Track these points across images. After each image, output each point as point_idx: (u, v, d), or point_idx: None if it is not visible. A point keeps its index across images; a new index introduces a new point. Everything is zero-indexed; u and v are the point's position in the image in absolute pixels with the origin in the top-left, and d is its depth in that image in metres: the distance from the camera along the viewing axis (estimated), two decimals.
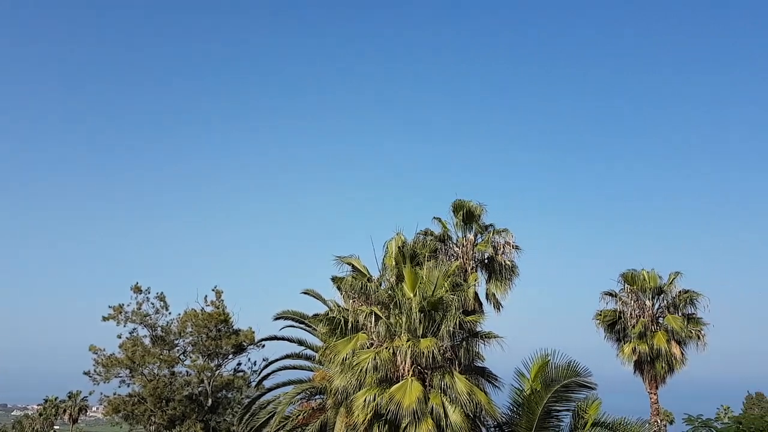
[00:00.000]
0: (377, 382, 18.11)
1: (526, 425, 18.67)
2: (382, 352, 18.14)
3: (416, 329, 18.69)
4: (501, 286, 29.33)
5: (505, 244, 29.73)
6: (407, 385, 17.52)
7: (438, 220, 30.30)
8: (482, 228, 30.31)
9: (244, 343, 36.13)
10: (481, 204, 30.06)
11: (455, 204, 30.08)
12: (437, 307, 18.89)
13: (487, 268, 29.96)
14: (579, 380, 18.66)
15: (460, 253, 29.85)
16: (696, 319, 32.13)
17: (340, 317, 19.32)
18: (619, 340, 33.41)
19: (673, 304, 32.62)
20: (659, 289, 32.77)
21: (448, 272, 20.71)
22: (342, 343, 18.72)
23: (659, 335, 31.61)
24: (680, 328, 31.37)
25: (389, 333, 18.83)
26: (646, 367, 32.24)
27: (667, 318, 32.12)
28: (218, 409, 36.62)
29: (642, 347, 31.75)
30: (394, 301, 19.18)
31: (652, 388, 32.71)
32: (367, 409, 17.20)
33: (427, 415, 17.24)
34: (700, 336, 31.58)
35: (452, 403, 17.60)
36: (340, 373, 18.21)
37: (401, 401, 17.03)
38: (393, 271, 20.83)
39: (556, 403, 18.82)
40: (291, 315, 25.31)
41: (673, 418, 66.10)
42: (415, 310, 18.63)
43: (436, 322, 19.01)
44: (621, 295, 33.48)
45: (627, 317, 32.88)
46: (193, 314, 35.88)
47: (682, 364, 31.79)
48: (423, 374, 18.61)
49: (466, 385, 17.84)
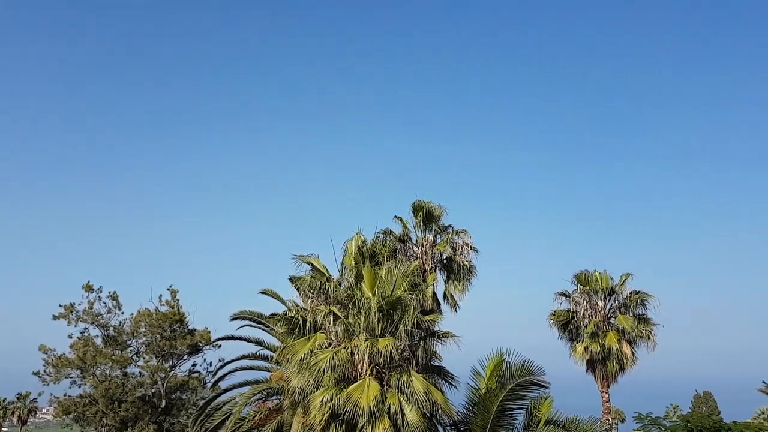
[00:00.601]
0: (335, 381, 18.08)
1: (481, 424, 18.91)
2: (340, 352, 18.13)
3: (375, 329, 18.74)
4: (459, 287, 29.70)
5: (463, 245, 30.12)
6: (365, 385, 17.54)
7: (399, 220, 30.51)
8: (441, 229, 30.63)
9: (199, 344, 35.61)
10: (440, 205, 30.43)
11: (415, 204, 30.32)
12: (396, 306, 18.97)
13: (445, 268, 30.29)
14: (533, 379, 19.01)
15: (419, 254, 30.09)
16: (646, 320, 33.13)
17: (299, 317, 19.23)
18: (572, 339, 34.19)
19: (625, 304, 33.56)
20: (611, 290, 33.68)
21: (406, 272, 20.84)
22: (300, 343, 18.64)
23: (611, 335, 32.46)
24: (631, 328, 32.28)
25: (348, 333, 18.83)
26: (598, 366, 33.08)
27: (619, 318, 33.02)
28: (172, 410, 36.00)
29: (594, 347, 32.56)
30: (353, 300, 19.19)
31: (604, 387, 33.57)
32: (324, 409, 17.16)
33: (384, 415, 17.29)
34: (650, 336, 32.57)
35: (409, 403, 17.69)
36: (298, 373, 18.11)
37: (358, 401, 17.04)
38: (352, 270, 20.81)
39: (510, 402, 19.13)
40: (248, 315, 25.09)
41: (624, 417, 67.99)
42: (374, 310, 18.68)
43: (394, 321, 19.10)
44: (574, 295, 34.28)
45: (580, 317, 33.68)
46: (147, 314, 35.19)
47: (633, 364, 32.72)
48: (381, 374, 18.66)
49: (423, 384, 17.97)
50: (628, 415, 56.59)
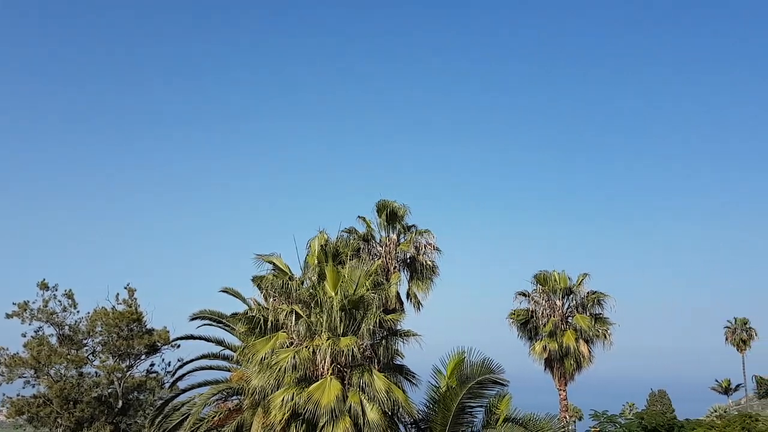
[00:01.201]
0: (296, 381, 18.01)
1: (441, 421, 19.12)
2: (301, 351, 18.08)
3: (337, 328, 18.75)
4: (422, 286, 29.96)
5: (426, 245, 30.39)
6: (326, 384, 17.53)
7: (362, 220, 30.59)
8: (405, 228, 30.84)
9: (157, 343, 34.99)
10: (404, 205, 30.62)
11: (379, 204, 30.45)
12: (358, 305, 19.02)
13: (409, 267, 30.50)
14: (492, 377, 19.31)
15: (383, 253, 30.24)
16: (603, 319, 33.94)
17: (260, 316, 19.11)
18: (531, 338, 34.82)
19: (582, 304, 34.32)
20: (569, 290, 34.42)
21: (369, 271, 20.86)
22: (261, 343, 18.52)
23: (568, 334, 33.15)
24: (588, 327, 33.04)
25: (309, 332, 18.78)
26: (556, 364, 33.76)
27: (576, 317, 33.73)
28: (129, 411, 35.32)
29: (552, 345, 33.21)
30: (315, 299, 19.14)
31: (561, 385, 34.27)
32: (285, 409, 17.08)
33: (345, 414, 17.32)
34: (606, 335, 33.37)
35: (370, 401, 17.75)
36: (258, 373, 18.00)
37: (319, 400, 17.02)
38: (315, 269, 20.75)
39: (470, 400, 19.39)
40: (208, 314, 24.78)
41: (582, 415, 69.42)
42: (336, 309, 18.69)
43: (356, 320, 19.15)
44: (534, 295, 34.93)
45: (539, 316, 34.33)
46: (104, 313, 34.42)
47: (590, 362, 33.49)
48: (342, 373, 18.67)
49: (384, 382, 18.05)
50: (585, 412, 57.80)
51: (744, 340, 79.46)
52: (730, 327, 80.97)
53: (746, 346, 79.56)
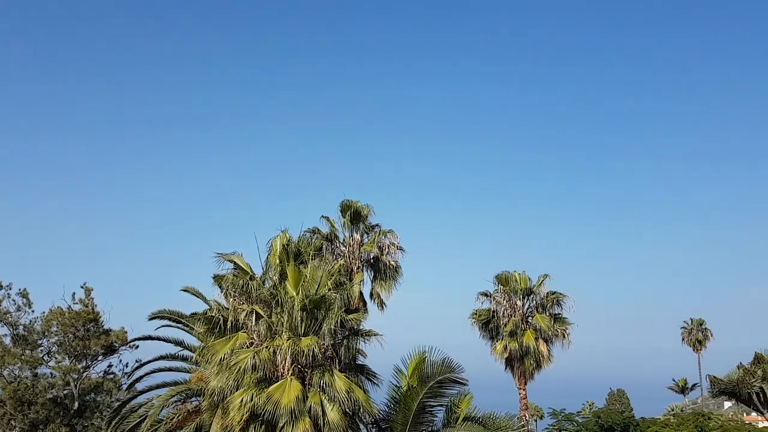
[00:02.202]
0: (256, 382, 17.89)
1: (401, 421, 19.21)
2: (261, 352, 17.95)
3: (298, 328, 18.67)
4: (385, 286, 30.07)
5: (390, 245, 30.49)
6: (286, 384, 17.45)
7: (326, 219, 30.53)
8: (369, 228, 30.89)
9: (115, 344, 34.32)
10: (368, 205, 30.66)
11: (343, 204, 30.43)
12: (320, 305, 18.97)
13: (372, 267, 30.56)
14: (452, 376, 19.49)
15: (346, 253, 30.24)
16: (562, 319, 34.58)
17: (219, 316, 18.91)
18: (493, 338, 35.26)
19: (542, 304, 34.89)
20: (529, 290, 34.98)
21: (332, 271, 20.84)
22: (220, 343, 18.34)
23: (528, 333, 33.67)
24: (547, 327, 33.62)
25: (270, 332, 18.66)
26: (516, 363, 34.25)
27: (536, 317, 34.29)
28: (85, 412, 34.57)
29: (512, 345, 33.68)
30: (276, 299, 19.03)
31: (521, 384, 34.77)
32: (244, 410, 16.94)
33: (305, 414, 17.26)
34: (565, 335, 34.01)
35: (331, 402, 17.73)
36: (218, 374, 17.83)
37: (279, 401, 16.93)
38: (276, 269, 20.64)
39: (430, 399, 19.53)
40: (167, 314, 24.41)
41: (543, 414, 70.50)
42: (297, 309, 18.61)
43: (318, 320, 19.10)
44: (495, 295, 35.39)
45: (500, 316, 34.80)
46: (59, 313, 33.62)
47: (549, 361, 34.05)
48: (303, 373, 18.61)
49: (345, 383, 18.05)
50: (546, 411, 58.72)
51: (700, 341, 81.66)
52: (687, 328, 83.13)
53: (702, 346, 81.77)
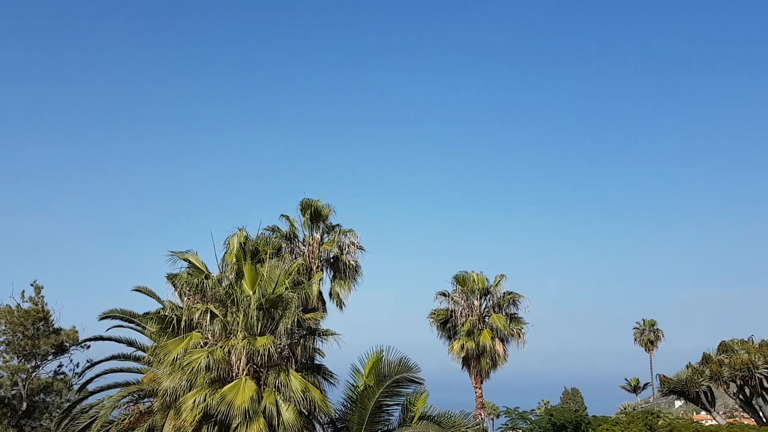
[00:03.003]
0: (209, 382, 17.66)
1: (358, 420, 19.24)
2: (216, 351, 17.72)
3: (253, 327, 18.50)
4: (344, 285, 30.02)
5: (350, 244, 30.47)
6: (240, 385, 17.27)
7: (286, 218, 30.33)
8: (329, 228, 30.81)
9: (66, 344, 33.45)
10: (328, 204, 30.58)
11: (303, 203, 30.29)
12: (276, 304, 18.82)
13: (332, 267, 30.48)
14: (409, 376, 19.62)
15: (306, 252, 30.09)
16: (517, 319, 35.14)
17: (173, 315, 18.60)
18: (450, 337, 35.61)
19: (498, 304, 35.40)
20: (486, 290, 35.45)
21: (290, 270, 20.72)
22: (173, 343, 18.04)
23: (485, 333, 34.11)
24: (503, 327, 34.12)
25: (225, 331, 18.45)
26: (473, 362, 34.66)
27: (492, 317, 34.76)
28: (34, 413, 33.61)
29: (470, 344, 34.08)
30: (231, 298, 18.81)
31: (478, 383, 35.19)
32: (196, 411, 16.70)
33: (259, 414, 17.10)
34: (521, 334, 34.57)
35: (286, 402, 17.63)
36: (170, 374, 17.53)
37: (233, 401, 16.75)
38: (233, 267, 20.39)
39: (387, 398, 19.61)
40: (119, 314, 23.89)
41: (499, 412, 71.50)
42: (254, 308, 18.43)
43: (274, 320, 18.94)
44: (453, 295, 35.76)
45: (457, 316, 35.17)
46: (8, 311, 32.59)
47: (504, 361, 34.55)
48: (258, 373, 18.45)
49: (301, 382, 17.97)
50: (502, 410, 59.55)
51: (651, 341, 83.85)
52: (639, 328, 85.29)
53: (653, 346, 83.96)
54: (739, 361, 36.01)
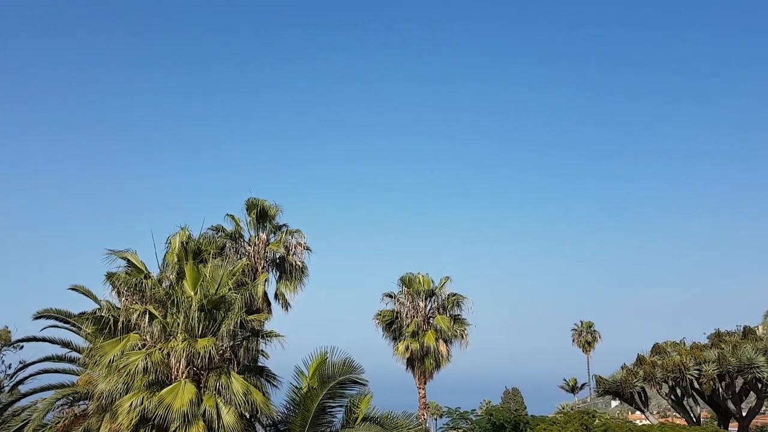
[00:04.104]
0: (147, 384, 17.29)
1: (300, 422, 19.13)
2: (154, 353, 17.36)
3: (194, 329, 18.19)
4: (290, 286, 29.83)
5: (297, 245, 30.29)
6: (179, 388, 16.96)
7: (231, 217, 29.90)
8: (275, 228, 30.54)
9: None
10: (275, 204, 30.32)
11: (249, 202, 29.94)
12: (219, 305, 18.56)
13: (278, 267, 30.23)
14: (353, 377, 19.60)
15: (251, 252, 29.75)
16: (461, 320, 35.77)
17: (110, 316, 18.11)
18: (396, 338, 35.95)
19: (443, 305, 35.95)
20: (431, 292, 35.95)
21: (233, 270, 20.46)
22: (110, 344, 17.57)
23: (429, 334, 34.57)
24: (447, 328, 34.66)
25: (165, 333, 18.10)
26: (417, 363, 35.07)
27: (437, 318, 35.26)
28: None
29: (414, 345, 34.48)
30: (172, 299, 18.45)
31: (421, 384, 35.61)
32: (133, 414, 16.32)
33: (198, 418, 16.82)
34: (464, 335, 35.20)
35: (227, 404, 17.41)
36: (106, 376, 17.09)
37: (171, 404, 16.43)
38: (174, 267, 20.01)
39: (330, 400, 19.56)
40: (54, 313, 23.13)
41: (442, 412, 72.42)
42: (195, 309, 18.12)
43: (217, 321, 18.69)
44: (399, 296, 36.11)
45: (403, 317, 35.53)
46: None
47: (448, 361, 35.11)
48: (199, 375, 18.16)
49: (242, 385, 17.78)
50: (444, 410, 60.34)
51: (589, 342, 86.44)
52: (577, 329, 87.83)
53: (591, 347, 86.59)
54: (671, 363, 37.59)
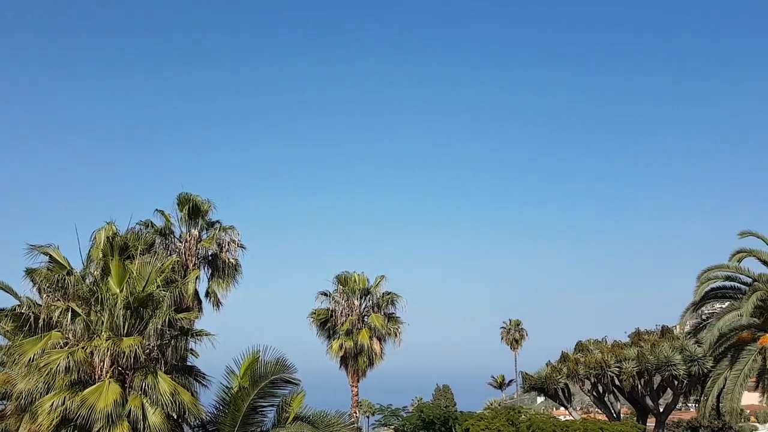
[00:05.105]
0: (69, 384, 16.72)
1: (230, 423, 18.84)
2: (77, 352, 16.77)
3: (120, 327, 17.65)
4: (223, 284, 29.33)
5: (230, 242, 29.76)
6: (103, 387, 16.47)
7: (161, 213, 29.09)
8: (208, 224, 29.92)
9: None
10: (208, 200, 29.68)
11: (180, 197, 29.21)
12: (146, 303, 18.07)
13: (210, 265, 29.64)
14: (285, 376, 19.45)
15: (182, 249, 29.05)
16: (395, 318, 36.17)
17: (30, 313, 17.34)
18: (330, 336, 35.95)
19: (378, 304, 36.25)
20: (366, 291, 36.19)
21: (162, 267, 19.93)
22: (30, 342, 16.87)
23: (363, 332, 34.79)
24: (381, 326, 34.99)
25: (88, 331, 17.51)
26: (350, 362, 35.21)
27: (372, 317, 35.55)
28: None
29: (348, 343, 34.61)
30: (96, 296, 17.84)
31: (354, 382, 35.78)
32: (54, 414, 15.70)
33: (123, 418, 16.37)
34: (397, 333, 35.60)
35: (153, 405, 17.00)
36: (26, 375, 16.41)
37: (95, 404, 15.94)
38: (99, 264, 19.31)
39: (261, 399, 19.34)
40: None
41: (375, 410, 72.87)
42: (120, 307, 17.58)
43: (144, 319, 18.19)
44: (334, 295, 36.14)
45: (338, 316, 35.59)
46: None
47: (381, 359, 35.42)
48: (124, 375, 17.66)
49: (170, 385, 17.39)
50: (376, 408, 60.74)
51: (516, 340, 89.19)
52: (506, 328, 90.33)
53: (518, 345, 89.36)
54: (593, 360, 39.18)
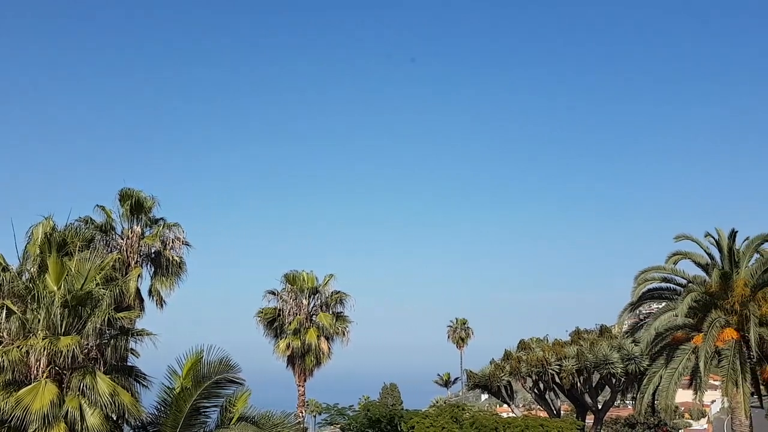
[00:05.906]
0: (3, 384, 16.21)
1: (171, 424, 18.47)
2: (11, 352, 16.22)
3: (57, 326, 17.10)
4: (166, 282, 28.74)
5: (174, 239, 29.17)
6: (39, 388, 15.98)
7: (101, 209, 28.25)
8: (152, 221, 29.23)
9: None
10: (152, 196, 28.98)
11: (122, 192, 28.44)
12: (85, 302, 17.55)
13: (153, 263, 28.97)
14: (229, 376, 19.21)
15: (124, 246, 28.30)
16: (343, 317, 36.14)
17: None
18: (277, 336, 35.65)
19: (326, 303, 36.14)
20: (315, 290, 36.04)
21: (102, 264, 19.39)
22: None
23: (311, 331, 34.63)
24: (329, 325, 34.90)
25: (24, 330, 16.92)
26: (297, 361, 35.01)
27: (320, 316, 35.42)
28: None
29: (295, 343, 34.41)
30: (32, 294, 17.24)
31: (301, 381, 35.61)
32: None
33: (60, 420, 15.92)
34: (345, 332, 35.59)
35: (91, 406, 16.56)
36: None
37: (30, 405, 15.46)
38: (36, 260, 18.66)
39: (204, 400, 19.03)
40: None
41: (321, 409, 72.65)
42: (57, 305, 17.03)
43: (82, 318, 17.67)
44: (282, 293, 35.86)
45: (285, 315, 35.32)
46: None
47: (328, 358, 35.34)
48: (61, 375, 17.12)
49: (108, 385, 16.96)
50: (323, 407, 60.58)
51: (462, 338, 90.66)
52: (452, 326, 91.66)
53: (464, 343, 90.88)
54: (534, 358, 40.21)
